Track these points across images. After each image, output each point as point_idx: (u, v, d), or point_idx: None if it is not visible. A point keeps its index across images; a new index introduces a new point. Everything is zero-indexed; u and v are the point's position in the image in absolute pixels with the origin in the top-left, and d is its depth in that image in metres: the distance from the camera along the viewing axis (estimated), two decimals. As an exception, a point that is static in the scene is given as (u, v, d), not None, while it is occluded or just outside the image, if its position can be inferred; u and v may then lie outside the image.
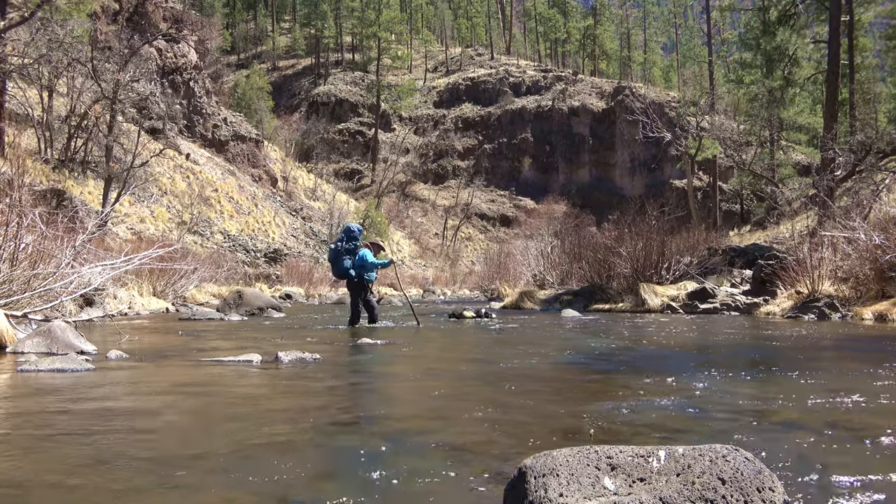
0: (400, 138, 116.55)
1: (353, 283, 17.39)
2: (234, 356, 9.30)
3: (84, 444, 4.61)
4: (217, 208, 60.73)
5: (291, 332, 15.40)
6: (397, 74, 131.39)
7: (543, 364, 9.17)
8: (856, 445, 4.44)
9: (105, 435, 4.87)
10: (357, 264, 17.16)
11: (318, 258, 64.52)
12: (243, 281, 41.14)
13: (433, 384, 7.71)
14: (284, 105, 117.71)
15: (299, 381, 7.66)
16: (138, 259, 17.20)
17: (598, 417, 5.41)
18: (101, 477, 3.85)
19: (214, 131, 74.73)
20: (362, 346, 11.56)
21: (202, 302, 28.85)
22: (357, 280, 17.28)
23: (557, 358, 9.93)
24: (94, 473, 3.91)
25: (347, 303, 34.07)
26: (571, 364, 9.28)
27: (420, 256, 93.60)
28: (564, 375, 8.14)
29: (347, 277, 17.40)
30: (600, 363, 9.36)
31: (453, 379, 8.10)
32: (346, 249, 17.30)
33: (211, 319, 19.38)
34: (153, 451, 4.39)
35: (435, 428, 5.08)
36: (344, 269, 17.31)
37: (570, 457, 3.17)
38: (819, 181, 32.62)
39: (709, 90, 72.88)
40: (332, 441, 4.69)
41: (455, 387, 7.46)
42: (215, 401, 6.36)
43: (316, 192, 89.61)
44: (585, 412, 5.65)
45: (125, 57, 43.71)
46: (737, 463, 3.11)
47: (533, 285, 32.38)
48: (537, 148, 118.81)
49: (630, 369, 8.63)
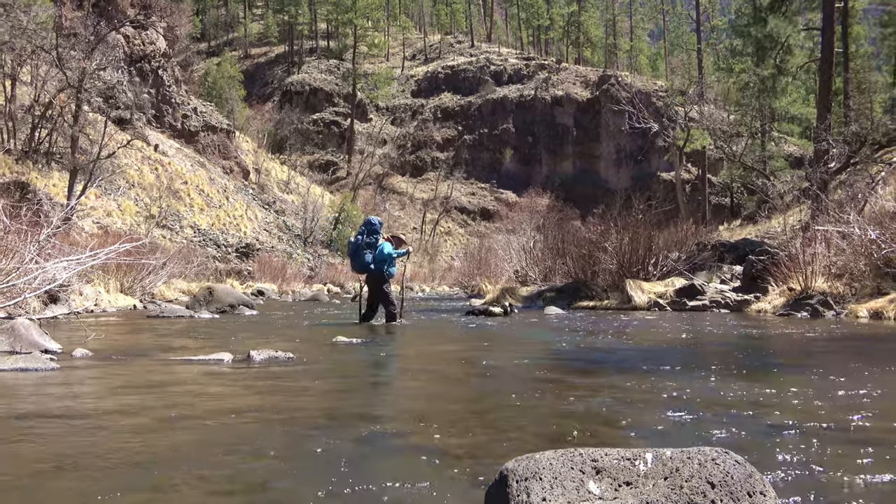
0: (377, 129, 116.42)
1: (372, 278, 17.38)
2: (204, 355, 9.27)
3: (49, 445, 4.59)
4: (187, 201, 60.47)
5: (265, 330, 15.39)
6: (374, 62, 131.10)
7: (526, 363, 9.18)
8: (851, 448, 4.45)
9: (70, 436, 4.85)
10: (378, 258, 17.14)
11: (292, 253, 64.44)
12: (214, 277, 40.94)
13: (412, 384, 7.71)
14: (257, 94, 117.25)
15: (272, 380, 7.65)
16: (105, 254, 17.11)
17: (583, 419, 5.41)
18: (67, 479, 3.83)
19: (184, 121, 74.36)
20: (339, 345, 11.53)
21: (171, 299, 28.69)
22: (378, 274, 17.27)
23: (540, 357, 9.95)
24: (59, 476, 3.89)
25: (322, 300, 34.13)
26: (555, 363, 9.29)
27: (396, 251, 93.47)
28: (548, 375, 8.13)
29: (367, 272, 17.41)
30: (585, 362, 9.38)
31: (433, 378, 8.10)
32: (367, 243, 17.30)
33: (180, 317, 19.29)
34: (120, 453, 4.37)
35: (413, 429, 5.08)
36: (364, 264, 17.30)
37: (553, 460, 3.16)
38: (812, 174, 32.68)
39: (698, 79, 73.01)
40: (306, 443, 4.67)
41: (435, 387, 7.46)
42: (185, 401, 6.32)
43: (289, 185, 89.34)
44: (569, 413, 5.65)
45: (91, 44, 43.47)
46: (727, 466, 3.11)
47: (515, 282, 32.42)
48: (519, 139, 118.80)
49: (616, 369, 8.65)
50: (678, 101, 69.91)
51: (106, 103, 50.77)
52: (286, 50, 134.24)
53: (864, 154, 34.33)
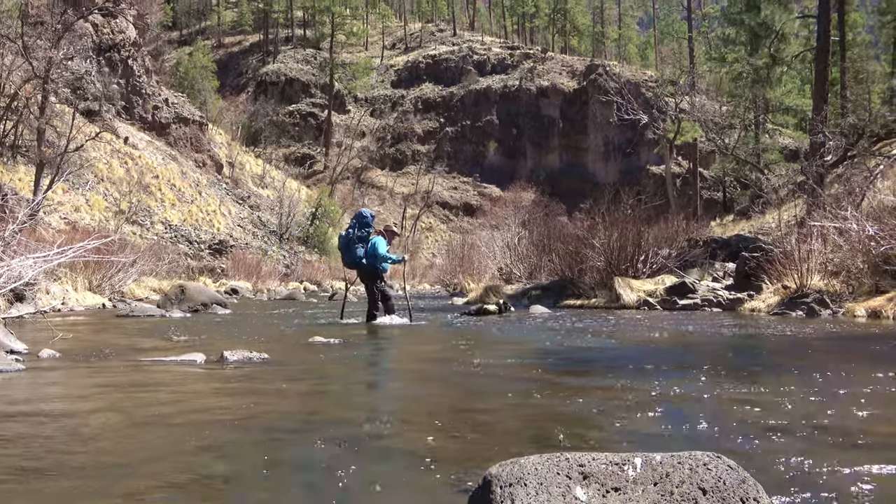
0: (355, 121, 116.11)
1: (364, 273, 17.40)
2: (175, 355, 9.26)
3: (15, 449, 4.58)
4: (158, 196, 60.42)
5: (239, 329, 15.36)
6: (352, 52, 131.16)
7: (510, 364, 9.18)
8: (848, 451, 4.45)
9: (37, 440, 4.84)
10: (369, 253, 17.14)
11: (267, 250, 64.46)
12: (186, 275, 40.96)
13: (392, 385, 7.73)
14: (230, 85, 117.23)
15: (246, 381, 7.65)
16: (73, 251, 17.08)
17: (570, 421, 5.42)
18: (34, 484, 3.82)
19: (155, 113, 74.24)
20: (315, 345, 11.52)
21: (141, 297, 28.67)
22: (369, 269, 17.26)
23: (525, 358, 9.95)
24: (26, 480, 3.89)
25: (298, 299, 34.13)
26: (540, 364, 9.28)
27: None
28: (533, 377, 8.13)
29: (359, 267, 17.41)
30: (571, 363, 9.39)
31: (413, 380, 8.11)
32: (358, 237, 17.30)
33: (151, 316, 19.27)
34: (89, 457, 4.36)
35: (392, 433, 5.08)
36: (355, 258, 17.32)
37: (539, 465, 3.16)
38: (808, 167, 32.77)
39: (689, 69, 73.03)
40: (282, 447, 4.66)
41: (415, 388, 7.47)
42: (156, 403, 6.31)
43: (264, 179, 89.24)
44: (555, 416, 5.66)
45: (58, 33, 43.32)
46: (719, 471, 3.11)
47: (499, 279, 32.45)
48: (503, 131, 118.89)
49: (604, 370, 8.66)
50: (668, 92, 69.96)
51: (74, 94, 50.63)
52: (261, 39, 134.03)
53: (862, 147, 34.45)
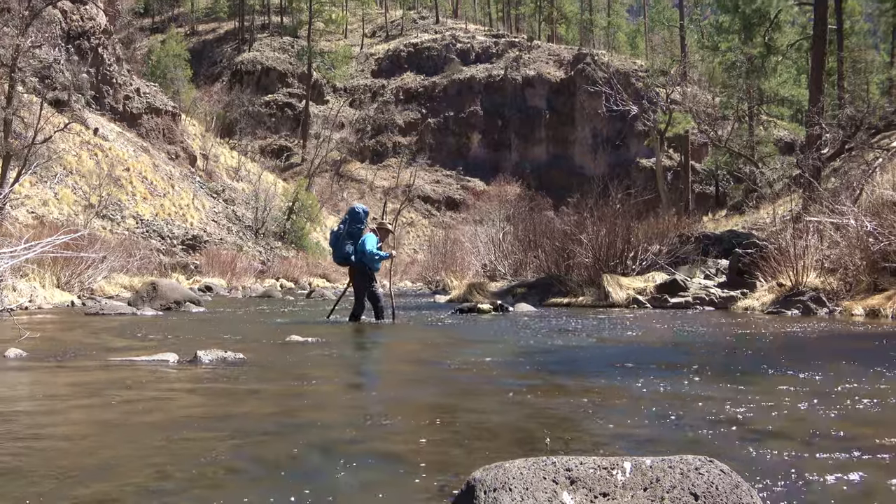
0: (334, 111, 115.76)
1: (357, 272, 17.35)
2: (147, 355, 9.22)
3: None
4: (129, 190, 60.19)
5: (213, 328, 15.34)
6: (331, 40, 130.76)
7: (494, 365, 9.18)
8: (844, 456, 4.46)
9: (2, 442, 4.82)
10: (360, 250, 17.09)
11: (242, 246, 64.40)
12: (158, 271, 40.89)
13: (371, 386, 7.73)
14: (204, 74, 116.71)
15: (221, 383, 7.64)
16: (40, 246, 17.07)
17: (556, 425, 5.42)
18: (-4, 491, 3.80)
19: (126, 103, 73.89)
20: (292, 345, 11.50)
21: (112, 295, 28.63)
22: (359, 267, 17.23)
23: (510, 358, 9.96)
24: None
25: (275, 296, 34.09)
26: (525, 365, 9.30)
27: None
28: (518, 378, 8.14)
29: (349, 264, 17.38)
30: (558, 364, 9.40)
31: (393, 381, 8.11)
32: (349, 233, 17.25)
33: (122, 314, 19.23)
34: (57, 461, 4.34)
35: (372, 436, 5.06)
36: (345, 255, 17.28)
37: (524, 469, 3.16)
38: (804, 160, 32.85)
39: (680, 58, 73.23)
40: (256, 450, 4.64)
41: (395, 390, 7.46)
42: (126, 405, 6.29)
43: (240, 172, 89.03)
44: (542, 418, 5.66)
45: (26, 20, 43.14)
46: (711, 476, 3.11)
47: (483, 276, 32.45)
48: (488, 122, 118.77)
49: (592, 371, 8.65)
50: (659, 82, 70.10)
51: (42, 84, 50.45)
52: (236, 26, 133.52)
53: (860, 139, 34.55)
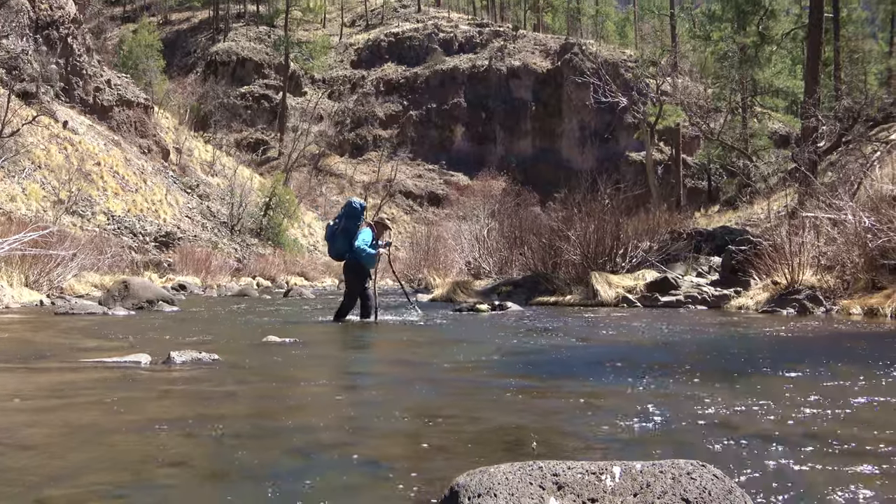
0: (312, 104, 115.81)
1: (349, 267, 17.27)
2: (119, 356, 9.18)
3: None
4: (99, 185, 60.04)
5: (187, 328, 15.29)
6: (309, 29, 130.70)
7: (478, 366, 9.18)
8: (841, 461, 4.47)
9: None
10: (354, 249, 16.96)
11: (217, 243, 64.33)
12: (130, 269, 40.84)
13: (351, 390, 7.71)
14: (178, 65, 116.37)
15: (195, 385, 7.61)
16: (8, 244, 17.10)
17: (543, 428, 5.42)
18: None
19: (96, 95, 73.66)
20: (269, 346, 11.47)
21: (82, 294, 28.55)
22: (354, 264, 17.15)
23: (495, 359, 9.96)
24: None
25: (251, 295, 34.04)
26: (511, 366, 9.31)
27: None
28: (503, 380, 8.13)
29: (344, 260, 17.33)
30: (545, 365, 9.39)
31: (375, 383, 8.10)
32: (344, 228, 17.16)
33: (92, 314, 19.15)
34: (23, 467, 4.33)
35: (352, 441, 5.05)
36: (339, 251, 17.25)
37: (509, 474, 3.16)
38: (799, 153, 32.95)
39: (671, 48, 73.26)
40: (231, 455, 4.63)
41: (376, 392, 7.45)
42: (96, 408, 6.25)
43: (214, 167, 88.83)
44: (528, 421, 5.65)
45: (-9, 9, 43.18)
46: (704, 481, 3.11)
47: (467, 274, 32.49)
48: (471, 115, 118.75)
49: (580, 372, 8.66)
50: (649, 73, 70.11)
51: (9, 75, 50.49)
52: (210, 15, 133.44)
53: (858, 131, 34.56)
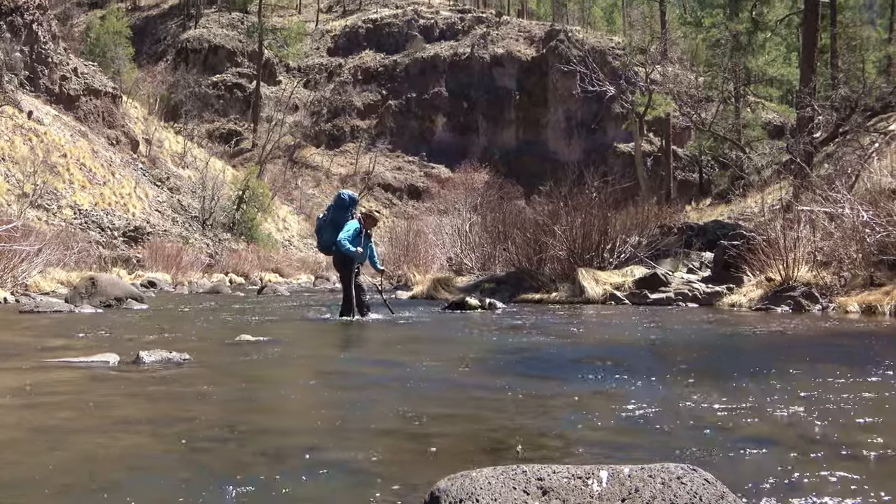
0: (287, 93, 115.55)
1: (337, 260, 17.24)
2: (86, 356, 9.18)
3: None
4: (66, 177, 59.93)
5: (157, 326, 15.26)
6: (283, 15, 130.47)
7: (460, 367, 9.17)
8: (836, 465, 4.47)
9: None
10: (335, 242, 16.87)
11: (188, 238, 64.23)
12: (98, 265, 40.76)
13: (327, 391, 7.69)
14: (147, 53, 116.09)
15: (165, 385, 7.61)
16: (-30, 239, 17.04)
17: (527, 430, 5.42)
18: None
19: (62, 84, 73.46)
20: (242, 345, 11.45)
21: (48, 291, 28.52)
22: (341, 257, 17.06)
23: (477, 359, 9.94)
24: None
25: (223, 292, 34.00)
26: (494, 367, 9.31)
27: (311, 236, 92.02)
28: (486, 381, 8.14)
29: (332, 253, 17.29)
30: (529, 365, 9.41)
31: (351, 385, 8.08)
32: (333, 220, 17.15)
33: (58, 312, 19.16)
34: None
35: (328, 444, 5.05)
36: (328, 243, 17.20)
37: (492, 478, 3.15)
38: (794, 145, 32.96)
39: (661, 34, 73.29)
40: (203, 459, 4.63)
41: (354, 394, 7.44)
42: (62, 409, 6.25)
43: (185, 158, 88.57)
44: (512, 424, 5.66)
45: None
46: (695, 486, 3.11)
47: (448, 271, 32.47)
48: (453, 104, 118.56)
49: (565, 373, 8.66)
50: (638, 61, 70.06)
51: (-30, 64, 50.33)
52: (181, 1, 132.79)
53: (855, 122, 34.59)
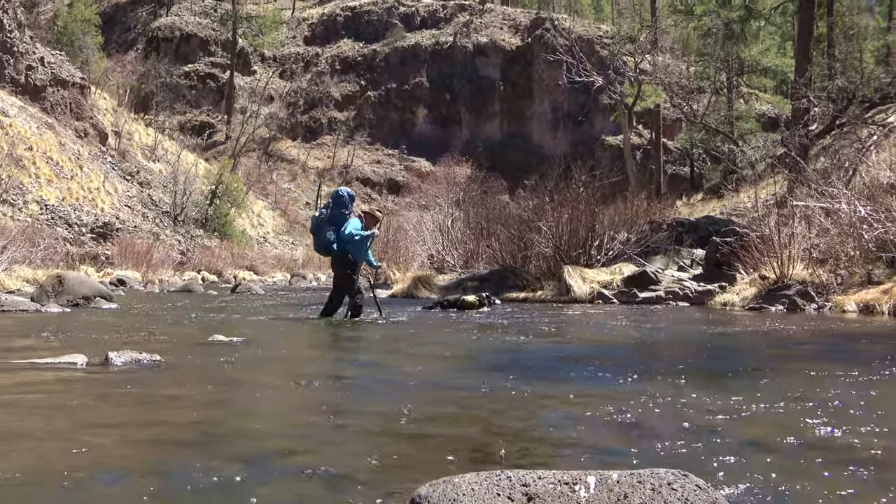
0: (262, 83, 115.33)
1: (336, 261, 17.13)
2: (52, 357, 9.13)
3: None
4: (32, 171, 59.76)
5: (126, 327, 15.23)
6: (259, 3, 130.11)
7: (441, 369, 9.19)
8: (832, 469, 4.48)
9: None
10: (341, 238, 16.78)
11: (159, 234, 64.06)
12: (65, 263, 40.70)
13: (304, 394, 7.68)
14: (116, 41, 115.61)
15: (134, 388, 7.58)
16: (-69, 236, 16.99)
17: (511, 434, 5.41)
18: None
19: (28, 74, 73.18)
20: (215, 346, 11.42)
21: (12, 289, 28.44)
22: (342, 257, 16.98)
23: (459, 361, 9.96)
24: None
25: (196, 290, 33.93)
26: (476, 369, 9.32)
27: (287, 232, 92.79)
28: (468, 383, 8.12)
29: (330, 253, 17.20)
30: (513, 367, 9.38)
31: (329, 387, 8.07)
32: (331, 218, 16.96)
33: (24, 311, 19.09)
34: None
35: (305, 449, 5.04)
36: (326, 243, 17.04)
37: (475, 484, 3.15)
38: (789, 137, 32.99)
39: (650, 23, 73.28)
40: (175, 465, 4.60)
41: (331, 397, 7.43)
42: (28, 413, 6.24)
43: (156, 152, 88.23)
44: (496, 428, 5.65)
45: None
46: (686, 492, 3.11)
47: (430, 268, 32.47)
48: (434, 95, 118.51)
49: (552, 375, 8.66)
50: (627, 50, 70.07)
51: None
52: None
53: (853, 113, 34.61)
